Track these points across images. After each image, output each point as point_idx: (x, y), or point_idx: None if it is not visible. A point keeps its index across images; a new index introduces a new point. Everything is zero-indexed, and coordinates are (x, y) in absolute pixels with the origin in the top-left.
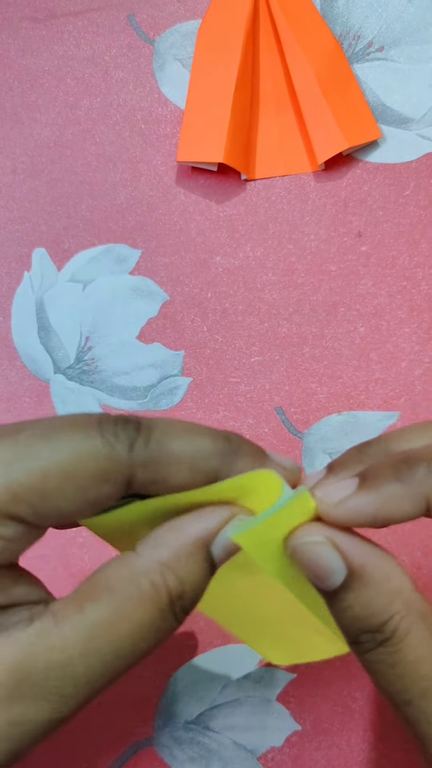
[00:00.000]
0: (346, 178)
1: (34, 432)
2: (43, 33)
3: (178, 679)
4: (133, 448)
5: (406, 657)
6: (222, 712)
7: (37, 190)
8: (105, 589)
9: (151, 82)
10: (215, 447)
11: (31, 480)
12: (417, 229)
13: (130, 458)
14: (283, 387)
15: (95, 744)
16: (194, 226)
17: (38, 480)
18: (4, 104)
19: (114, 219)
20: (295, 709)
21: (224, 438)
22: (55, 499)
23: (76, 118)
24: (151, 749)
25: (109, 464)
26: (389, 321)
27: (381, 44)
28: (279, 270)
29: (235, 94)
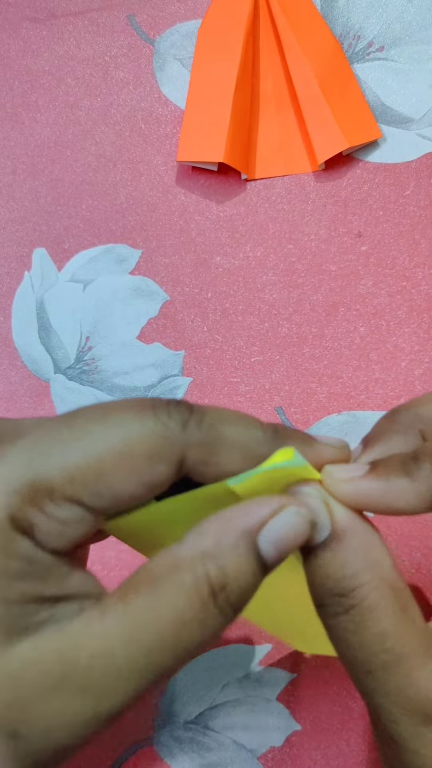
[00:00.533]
0: (346, 178)
1: (88, 416)
2: (44, 33)
3: (178, 679)
4: (187, 428)
5: (370, 628)
6: (222, 711)
7: (38, 190)
8: (148, 579)
9: (151, 82)
10: (266, 434)
11: (87, 461)
12: (417, 229)
13: (183, 437)
14: (283, 387)
15: (95, 743)
16: (194, 226)
17: (94, 460)
18: (5, 104)
19: (114, 219)
20: (295, 709)
21: (272, 427)
22: (111, 479)
23: (77, 118)
24: (151, 749)
25: (163, 443)
26: (389, 321)
27: (381, 44)
28: (279, 270)
29: (235, 94)
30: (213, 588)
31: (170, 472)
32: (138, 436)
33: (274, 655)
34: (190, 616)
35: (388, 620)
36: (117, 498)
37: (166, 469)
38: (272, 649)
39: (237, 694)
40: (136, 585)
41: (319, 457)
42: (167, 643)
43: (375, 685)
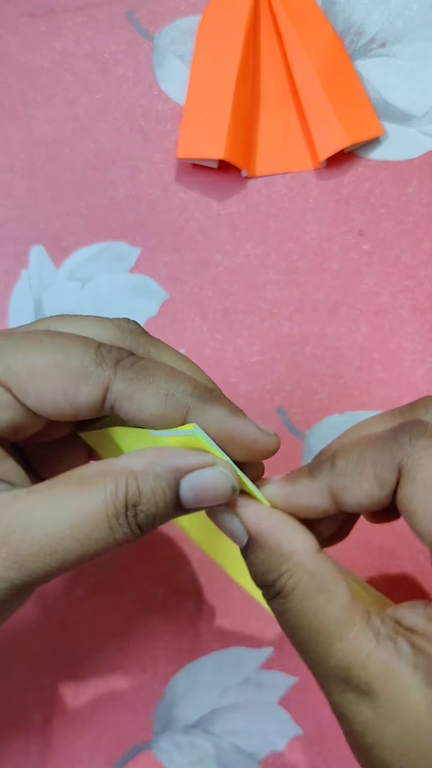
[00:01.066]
0: (348, 176)
1: (47, 330)
2: (42, 29)
3: (178, 683)
4: (119, 364)
5: (292, 608)
6: (222, 715)
7: (36, 187)
8: (78, 477)
9: (150, 79)
10: (195, 390)
11: (25, 359)
12: (420, 227)
13: (114, 368)
14: (284, 387)
15: (93, 748)
16: (194, 224)
17: (30, 360)
18: (3, 101)
19: (113, 216)
20: (297, 713)
21: (206, 387)
22: (40, 381)
23: (75, 114)
24: (150, 753)
25: (94, 367)
26: (392, 320)
27: (383, 40)
28: (280, 268)
29: (235, 90)
30: (126, 502)
31: (94, 395)
32: (75, 356)
33: (276, 659)
34: (101, 519)
35: (306, 600)
36: (42, 400)
37: (91, 390)
38: (274, 653)
39: (238, 698)
40: (67, 479)
41: (234, 429)
42: (78, 535)
43: (305, 657)
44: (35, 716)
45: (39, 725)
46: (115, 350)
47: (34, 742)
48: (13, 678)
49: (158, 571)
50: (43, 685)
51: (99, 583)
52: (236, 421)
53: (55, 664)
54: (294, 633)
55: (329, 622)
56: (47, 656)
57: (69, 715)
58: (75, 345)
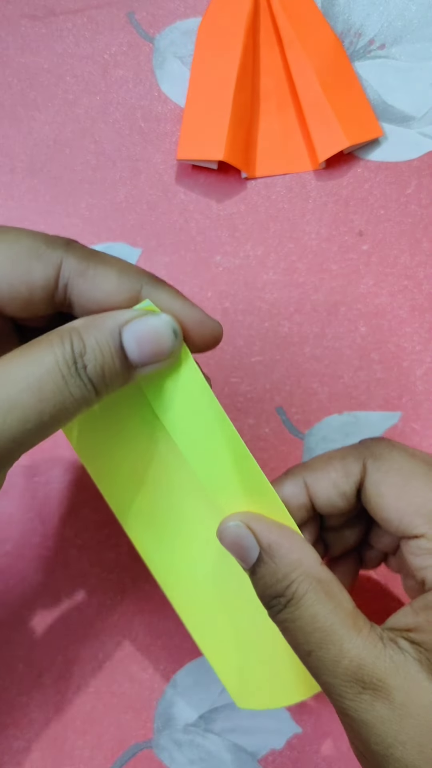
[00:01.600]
0: (347, 177)
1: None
2: (43, 31)
3: (178, 682)
4: (70, 244)
5: (303, 613)
6: (222, 714)
7: (36, 188)
8: (30, 343)
9: (150, 80)
10: (142, 275)
11: None
12: (418, 228)
13: (64, 248)
14: (283, 387)
15: (94, 746)
16: (194, 225)
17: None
18: (3, 102)
19: (113, 218)
20: (296, 712)
21: (151, 274)
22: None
23: (76, 116)
24: (150, 751)
25: (44, 248)
26: (391, 320)
27: (382, 42)
28: (280, 269)
29: (235, 91)
30: (74, 354)
31: (47, 273)
32: (24, 239)
33: None
34: (53, 371)
35: (317, 604)
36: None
37: (43, 268)
38: None
39: None
40: (21, 347)
41: (184, 308)
42: (33, 389)
43: (317, 663)
44: (36, 714)
45: (40, 723)
46: (63, 237)
47: (35, 741)
48: (14, 676)
49: None
50: (45, 683)
51: (100, 582)
52: (185, 302)
53: (56, 662)
54: (305, 639)
55: (339, 625)
56: (49, 655)
57: (70, 714)
58: (22, 232)
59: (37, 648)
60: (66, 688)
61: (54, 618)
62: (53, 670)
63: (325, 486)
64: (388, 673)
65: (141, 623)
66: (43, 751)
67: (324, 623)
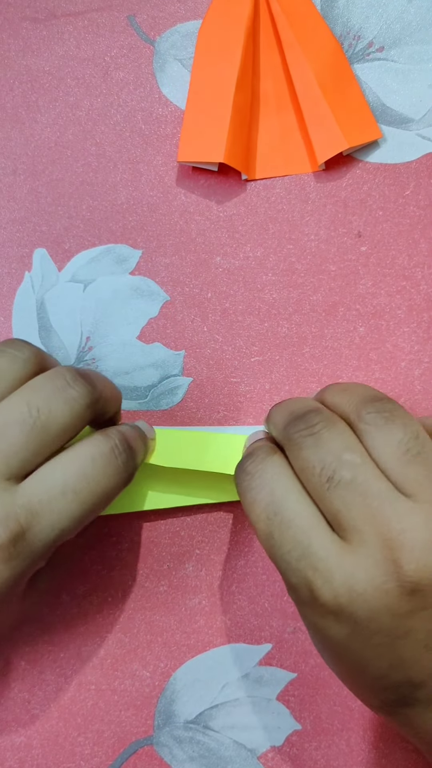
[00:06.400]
0: (346, 178)
1: None
2: (44, 33)
3: (178, 679)
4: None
5: None
6: (222, 711)
7: (38, 190)
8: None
9: (151, 83)
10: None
11: None
12: (417, 229)
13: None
14: (283, 387)
15: (95, 742)
16: (195, 227)
17: None
18: (5, 105)
19: (114, 219)
20: (295, 709)
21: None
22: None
23: (77, 118)
24: (151, 748)
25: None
26: (389, 321)
27: (381, 44)
28: (279, 270)
29: (235, 94)
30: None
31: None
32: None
33: (274, 655)
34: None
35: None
36: None
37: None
38: (272, 649)
39: (237, 694)
40: None
41: None
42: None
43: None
44: (37, 711)
45: (41, 720)
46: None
47: (37, 737)
48: (16, 673)
49: (160, 568)
50: (46, 680)
51: (101, 580)
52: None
53: (57, 659)
54: None
55: None
56: (50, 652)
57: (71, 710)
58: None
59: (38, 645)
60: (67, 684)
61: (55, 615)
62: (54, 667)
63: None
64: None
65: (142, 620)
66: (44, 748)
67: None
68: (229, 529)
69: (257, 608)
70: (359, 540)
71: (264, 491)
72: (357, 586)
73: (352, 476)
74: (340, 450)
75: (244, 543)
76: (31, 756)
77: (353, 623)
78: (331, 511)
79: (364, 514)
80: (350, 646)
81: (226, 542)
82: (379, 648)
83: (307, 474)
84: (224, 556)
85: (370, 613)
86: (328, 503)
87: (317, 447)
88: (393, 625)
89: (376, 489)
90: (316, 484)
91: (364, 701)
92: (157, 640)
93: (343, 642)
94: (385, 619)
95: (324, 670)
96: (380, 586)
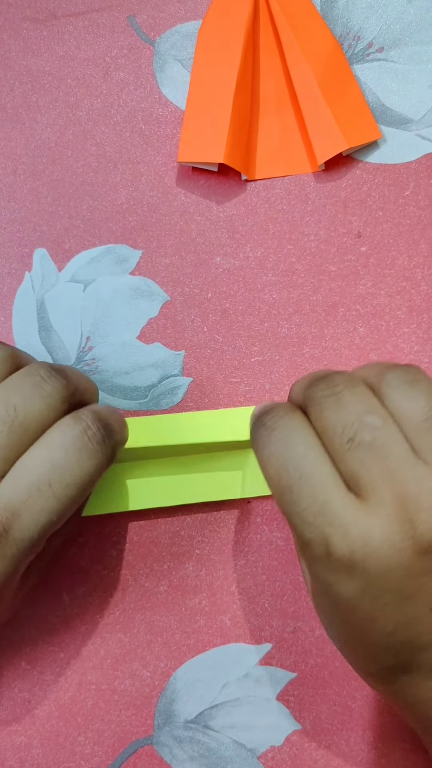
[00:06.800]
0: (345, 179)
1: None
2: (44, 34)
3: (178, 678)
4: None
5: None
6: (222, 711)
7: (38, 190)
8: None
9: (151, 83)
10: None
11: None
12: (416, 230)
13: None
14: (283, 387)
15: (95, 742)
16: (195, 227)
17: None
18: (5, 105)
19: (115, 219)
20: (295, 709)
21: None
22: None
23: (77, 118)
24: (151, 748)
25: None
26: (389, 321)
27: (381, 45)
28: (279, 270)
29: (235, 94)
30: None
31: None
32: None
33: (275, 655)
34: None
35: None
36: None
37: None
38: (272, 649)
39: (237, 694)
40: None
41: None
42: None
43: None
44: (38, 711)
45: (42, 720)
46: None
47: (37, 737)
48: (16, 673)
49: (160, 568)
50: (46, 680)
51: (102, 580)
52: None
53: (57, 659)
54: None
55: None
56: (50, 652)
57: (71, 710)
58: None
59: (38, 645)
60: (67, 684)
61: (56, 615)
62: (55, 667)
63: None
64: None
65: (142, 620)
66: (45, 747)
67: None
68: (229, 529)
69: (257, 608)
70: (377, 499)
71: (284, 446)
72: (372, 542)
73: (372, 438)
74: (361, 411)
75: (244, 543)
76: (31, 756)
77: (365, 579)
78: (350, 471)
79: (383, 475)
80: (359, 604)
81: (226, 542)
82: (387, 607)
83: (328, 434)
84: (224, 556)
85: (382, 570)
86: (348, 463)
87: (339, 407)
88: (404, 582)
89: (395, 452)
90: (336, 444)
91: (361, 669)
92: (157, 640)
93: (352, 599)
94: (396, 577)
95: (324, 669)
96: (395, 543)
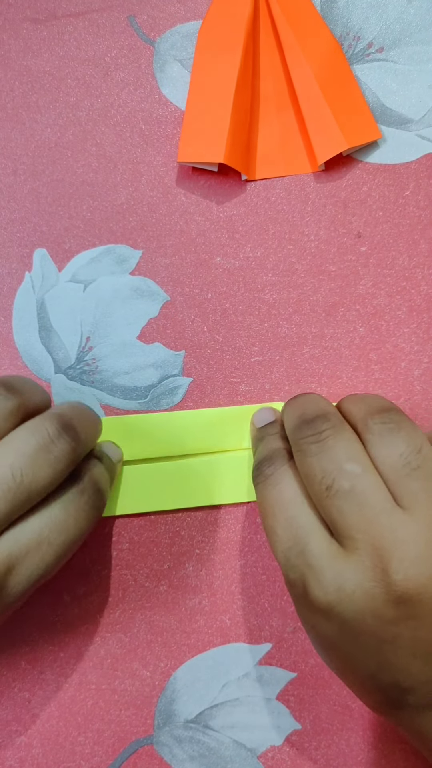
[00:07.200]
0: (345, 179)
1: None
2: (44, 34)
3: (178, 678)
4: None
5: None
6: (222, 710)
7: (38, 190)
8: None
9: (151, 83)
10: None
11: None
12: (416, 230)
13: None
14: (282, 387)
15: (95, 742)
16: (195, 227)
17: None
18: (5, 105)
19: (115, 219)
20: (295, 708)
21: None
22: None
23: (77, 118)
24: (151, 748)
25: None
26: (389, 321)
27: (381, 45)
28: (279, 270)
29: (235, 94)
30: None
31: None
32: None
33: (274, 655)
34: None
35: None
36: None
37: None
38: (272, 649)
39: (237, 694)
40: None
41: None
42: None
43: None
44: (38, 710)
45: (42, 719)
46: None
47: (37, 736)
48: (17, 673)
49: (160, 568)
50: (46, 679)
51: (102, 580)
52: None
53: (58, 659)
54: None
55: None
56: (50, 652)
57: (71, 710)
58: None
59: (39, 645)
60: (67, 684)
61: (56, 615)
62: (55, 666)
63: None
64: None
65: (142, 620)
66: (45, 747)
67: None
68: (229, 529)
69: (257, 608)
70: (353, 546)
71: (275, 491)
72: (346, 587)
73: (350, 486)
74: (342, 459)
75: (244, 543)
76: (31, 756)
77: (341, 622)
78: (329, 517)
79: (359, 523)
80: (339, 644)
81: (226, 542)
82: (367, 649)
83: (310, 480)
84: (224, 556)
85: (356, 615)
86: (326, 510)
87: (321, 455)
88: (379, 628)
89: (373, 499)
90: (316, 491)
91: (360, 699)
92: (157, 640)
93: (333, 639)
94: (370, 622)
95: (324, 669)
96: (368, 590)
